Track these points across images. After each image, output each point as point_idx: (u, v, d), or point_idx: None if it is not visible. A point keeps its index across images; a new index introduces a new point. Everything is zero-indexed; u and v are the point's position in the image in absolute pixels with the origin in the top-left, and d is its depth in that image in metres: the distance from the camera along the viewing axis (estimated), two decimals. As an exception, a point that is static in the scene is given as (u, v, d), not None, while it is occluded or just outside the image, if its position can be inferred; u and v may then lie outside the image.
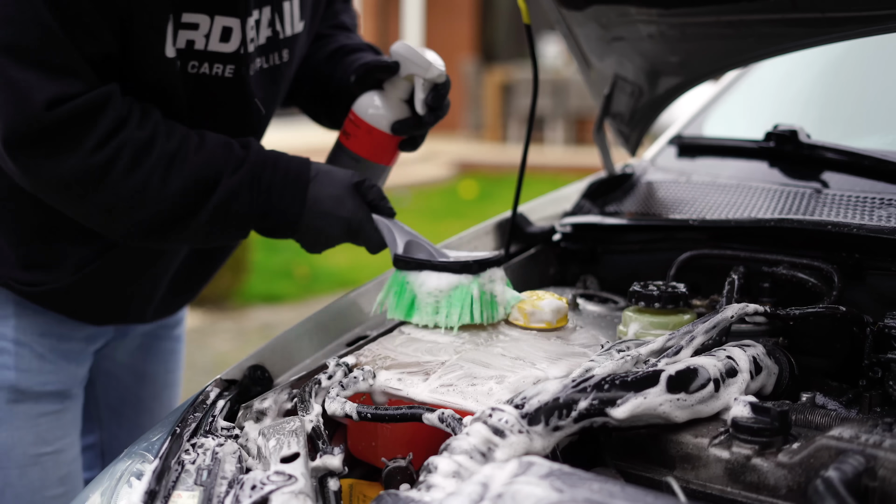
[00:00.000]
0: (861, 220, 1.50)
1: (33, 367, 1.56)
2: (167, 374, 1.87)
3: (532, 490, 0.91)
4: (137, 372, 1.82)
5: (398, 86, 1.55)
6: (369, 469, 1.28)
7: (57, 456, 1.60)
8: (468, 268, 1.39)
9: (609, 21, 1.77)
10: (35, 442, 1.57)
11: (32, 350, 1.56)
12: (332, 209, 1.44)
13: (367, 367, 1.28)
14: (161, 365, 1.86)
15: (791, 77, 2.20)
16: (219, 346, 4.88)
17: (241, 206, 1.41)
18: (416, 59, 1.52)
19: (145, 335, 1.81)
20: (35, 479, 1.57)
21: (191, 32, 1.41)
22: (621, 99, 1.95)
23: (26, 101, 1.29)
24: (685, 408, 1.10)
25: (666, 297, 1.39)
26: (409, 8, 11.93)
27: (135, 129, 1.35)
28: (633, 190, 1.92)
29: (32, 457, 1.57)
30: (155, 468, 1.14)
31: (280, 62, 1.56)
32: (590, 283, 1.77)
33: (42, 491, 1.58)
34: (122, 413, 1.83)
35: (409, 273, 1.42)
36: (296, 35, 1.58)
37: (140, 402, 1.84)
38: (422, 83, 1.52)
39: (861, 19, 1.56)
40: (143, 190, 1.36)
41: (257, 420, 1.30)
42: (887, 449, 0.98)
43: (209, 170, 1.39)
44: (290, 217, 1.43)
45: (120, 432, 1.82)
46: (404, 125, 1.55)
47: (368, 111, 1.55)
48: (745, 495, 1.04)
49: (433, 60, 1.52)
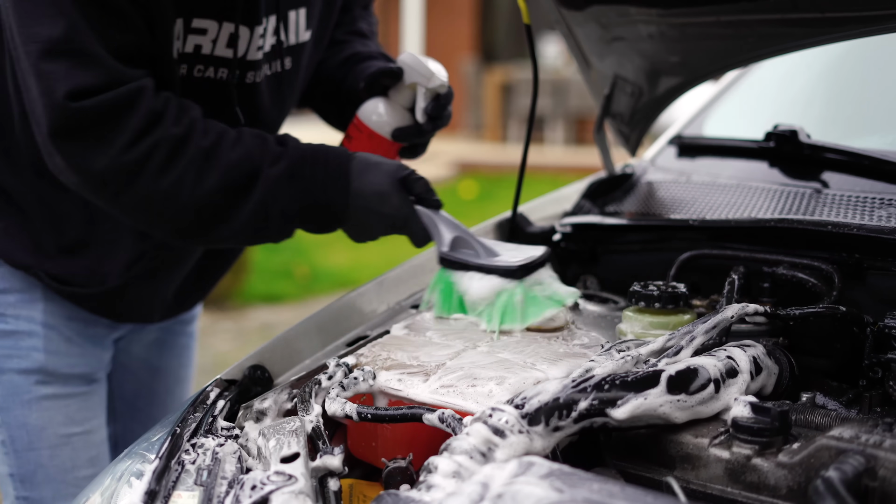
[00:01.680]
0: (861, 220, 1.50)
1: (61, 350, 1.60)
2: (180, 368, 1.90)
3: (532, 490, 0.91)
4: (152, 366, 1.85)
5: (402, 93, 1.58)
6: (369, 469, 1.28)
7: (87, 437, 1.63)
8: (512, 273, 1.33)
9: (609, 21, 1.77)
10: (65, 422, 1.60)
11: (60, 333, 1.60)
12: (377, 206, 1.40)
13: (367, 368, 1.28)
14: (175, 360, 1.89)
15: (791, 77, 2.20)
16: (219, 346, 4.88)
17: (282, 200, 1.39)
18: (420, 68, 1.53)
19: (161, 330, 1.83)
20: (66, 460, 1.60)
21: (199, 37, 1.43)
22: (621, 99, 1.95)
23: (52, 93, 1.30)
24: (685, 409, 1.10)
25: (666, 297, 1.39)
26: (409, 8, 11.93)
27: (170, 126, 1.35)
28: (633, 190, 1.92)
29: (63, 437, 1.60)
30: (155, 468, 1.14)
31: (282, 70, 1.58)
32: (590, 283, 1.77)
33: (73, 471, 1.61)
34: (136, 406, 1.86)
35: (455, 273, 1.37)
36: (301, 44, 1.60)
37: (154, 396, 1.87)
38: (423, 92, 1.54)
39: (861, 19, 1.56)
40: (178, 188, 1.35)
41: (257, 420, 1.30)
42: (887, 449, 0.98)
43: (247, 165, 1.37)
44: (335, 210, 1.41)
45: (133, 425, 1.85)
46: (404, 132, 1.56)
47: (371, 117, 1.57)
48: (745, 495, 1.04)
49: (436, 70, 1.54)
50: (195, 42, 1.44)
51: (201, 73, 1.47)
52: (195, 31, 1.43)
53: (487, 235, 1.81)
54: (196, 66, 1.45)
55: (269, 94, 1.57)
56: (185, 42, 1.43)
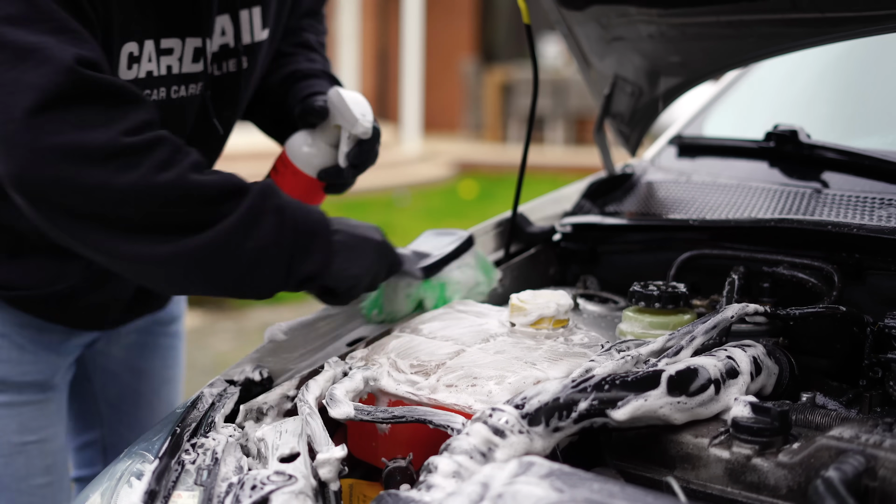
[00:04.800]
0: (861, 220, 1.50)
1: (13, 358, 1.56)
2: (165, 369, 1.87)
3: (532, 490, 0.91)
4: (134, 368, 1.82)
5: (328, 131, 1.56)
6: (369, 469, 1.28)
7: (42, 445, 1.60)
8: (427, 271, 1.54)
9: (609, 21, 1.78)
10: (19, 430, 1.57)
11: (12, 341, 1.56)
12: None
13: (368, 368, 1.28)
14: (158, 361, 1.85)
15: (791, 77, 2.20)
16: (219, 346, 4.88)
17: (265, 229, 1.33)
18: (344, 111, 1.52)
19: (139, 332, 1.80)
20: (20, 468, 1.57)
21: (168, 58, 1.42)
22: (621, 99, 1.95)
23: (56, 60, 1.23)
24: (685, 410, 1.10)
25: (666, 297, 1.39)
26: (409, 8, 11.92)
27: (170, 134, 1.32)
28: (633, 190, 1.92)
29: (17, 445, 1.57)
30: (155, 468, 1.14)
31: (238, 69, 1.54)
32: (590, 283, 1.77)
33: (27, 479, 1.58)
34: (121, 409, 1.83)
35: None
36: (258, 43, 1.57)
37: (139, 398, 1.84)
38: (347, 136, 1.53)
39: (861, 19, 1.56)
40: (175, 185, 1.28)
41: (257, 420, 1.30)
42: (887, 449, 0.98)
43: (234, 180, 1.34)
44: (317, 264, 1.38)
45: (121, 428, 1.83)
46: (327, 174, 1.57)
47: (296, 154, 1.57)
48: (745, 495, 1.04)
49: (360, 115, 1.51)
50: (167, 63, 1.42)
51: (177, 93, 1.45)
52: (165, 53, 1.41)
53: (487, 235, 1.81)
54: (172, 87, 1.44)
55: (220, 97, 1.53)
56: (159, 65, 1.41)
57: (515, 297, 1.41)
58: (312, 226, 1.37)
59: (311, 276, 1.37)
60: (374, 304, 1.56)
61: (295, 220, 1.35)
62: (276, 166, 1.60)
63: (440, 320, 1.43)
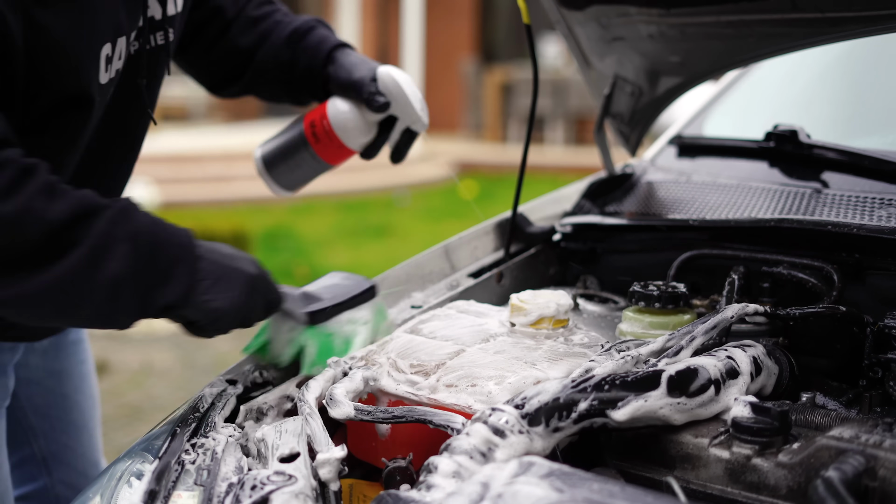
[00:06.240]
0: (861, 220, 1.50)
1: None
2: (80, 364, 1.82)
3: (532, 490, 0.91)
4: (53, 371, 1.77)
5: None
6: (369, 469, 1.28)
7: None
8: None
9: (609, 21, 1.78)
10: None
11: None
12: None
13: (368, 368, 1.28)
14: (73, 356, 1.80)
15: (791, 77, 2.20)
16: (219, 346, 4.88)
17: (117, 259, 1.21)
18: (405, 106, 1.56)
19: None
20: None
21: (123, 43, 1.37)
22: (621, 99, 1.95)
23: None
24: (685, 411, 1.10)
25: (666, 297, 1.39)
26: (409, 8, 11.93)
27: (19, 154, 1.19)
28: (633, 190, 1.92)
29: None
30: (155, 468, 1.14)
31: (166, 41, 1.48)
32: (590, 283, 1.77)
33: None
34: (51, 415, 1.79)
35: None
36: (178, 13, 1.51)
37: (65, 400, 1.80)
38: (402, 127, 1.58)
39: (861, 19, 1.56)
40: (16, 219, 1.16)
41: (257, 420, 1.30)
42: (887, 449, 0.98)
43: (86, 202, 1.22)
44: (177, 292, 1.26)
45: (56, 434, 1.78)
46: (370, 152, 1.60)
47: (344, 131, 1.58)
48: (745, 495, 1.04)
49: (420, 110, 1.56)
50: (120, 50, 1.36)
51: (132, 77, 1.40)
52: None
53: (487, 235, 1.81)
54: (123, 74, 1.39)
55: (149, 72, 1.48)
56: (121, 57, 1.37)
57: (515, 297, 1.41)
58: (174, 250, 1.25)
59: (170, 305, 1.24)
60: (257, 344, 1.42)
61: (152, 247, 1.23)
62: (318, 134, 1.59)
63: (440, 320, 1.43)
